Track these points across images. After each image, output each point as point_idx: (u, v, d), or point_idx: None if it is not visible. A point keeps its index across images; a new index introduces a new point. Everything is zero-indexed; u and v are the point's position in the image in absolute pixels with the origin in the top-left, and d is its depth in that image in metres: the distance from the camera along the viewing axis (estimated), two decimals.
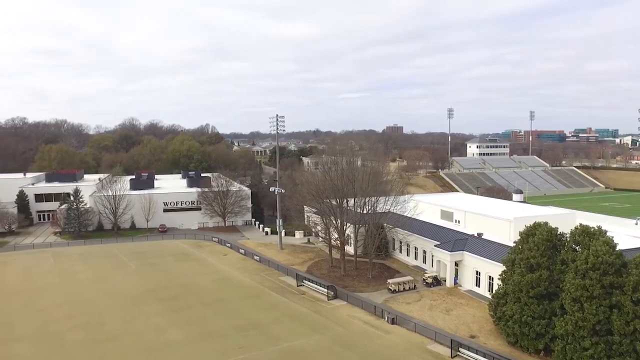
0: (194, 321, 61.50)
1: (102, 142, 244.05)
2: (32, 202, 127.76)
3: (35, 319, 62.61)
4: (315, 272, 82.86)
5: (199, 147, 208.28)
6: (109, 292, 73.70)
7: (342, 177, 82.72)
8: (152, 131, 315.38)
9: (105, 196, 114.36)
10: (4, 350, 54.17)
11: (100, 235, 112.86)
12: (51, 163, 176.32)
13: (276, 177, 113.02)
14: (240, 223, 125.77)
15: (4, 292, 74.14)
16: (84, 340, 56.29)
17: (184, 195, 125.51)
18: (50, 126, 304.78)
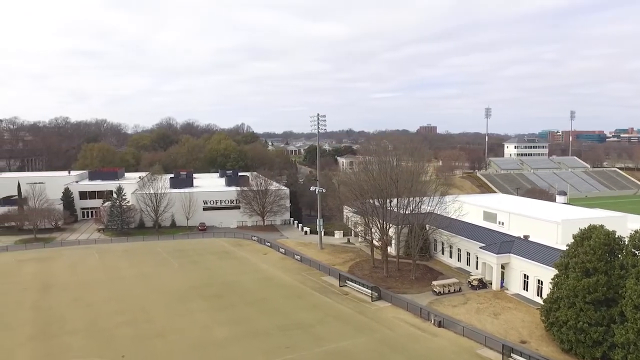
0: (238, 320, 61.74)
1: (141, 141, 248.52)
2: (76, 200, 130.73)
3: (86, 314, 63.82)
4: (357, 273, 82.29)
5: (235, 147, 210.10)
6: (153, 289, 74.69)
7: (385, 177, 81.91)
8: (189, 130, 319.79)
9: (147, 194, 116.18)
10: (59, 342, 55.52)
11: (142, 233, 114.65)
12: (93, 161, 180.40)
13: (316, 177, 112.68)
14: (279, 222, 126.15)
15: (55, 286, 76.00)
16: (132, 336, 57.09)
17: (224, 194, 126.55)
18: (91, 125, 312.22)
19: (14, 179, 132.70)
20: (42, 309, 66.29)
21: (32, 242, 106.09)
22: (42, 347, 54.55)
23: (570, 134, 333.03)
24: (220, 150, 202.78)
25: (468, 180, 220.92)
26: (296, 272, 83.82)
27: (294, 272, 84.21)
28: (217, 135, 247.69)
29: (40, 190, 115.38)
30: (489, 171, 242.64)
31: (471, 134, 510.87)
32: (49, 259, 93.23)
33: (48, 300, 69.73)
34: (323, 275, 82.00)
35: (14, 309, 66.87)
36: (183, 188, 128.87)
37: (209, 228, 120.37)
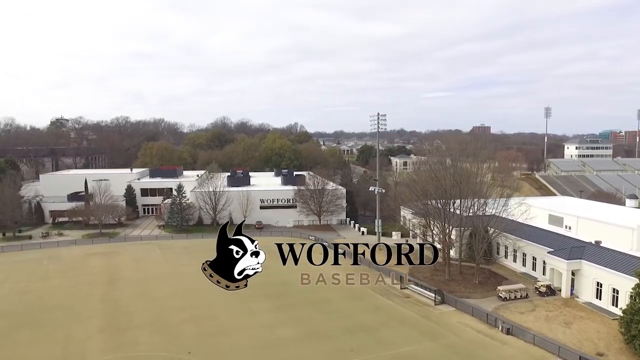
0: (301, 320, 61.52)
1: (197, 139, 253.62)
2: (138, 196, 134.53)
3: (151, 309, 65.18)
4: (417, 275, 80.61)
5: (290, 146, 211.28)
6: (214, 286, 75.19)
7: (449, 178, 79.93)
8: (242, 130, 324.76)
9: (205, 192, 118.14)
10: (128, 336, 56.99)
11: (201, 230, 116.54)
12: (152, 159, 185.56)
13: (373, 177, 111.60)
14: (335, 222, 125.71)
15: (120, 280, 78.22)
16: (197, 332, 57.80)
17: (280, 193, 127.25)
18: (149, 125, 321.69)
19: (81, 175, 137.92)
20: (110, 302, 68.24)
21: (98, 236, 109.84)
22: (111, 340, 56.04)
23: (638, 134, 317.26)
24: (275, 149, 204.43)
25: (526, 182, 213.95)
26: (355, 273, 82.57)
27: (353, 272, 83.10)
28: (272, 134, 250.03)
29: (106, 187, 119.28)
30: (548, 173, 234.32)
31: (527, 134, 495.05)
32: (114, 253, 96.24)
33: (115, 294, 71.76)
34: (383, 277, 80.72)
35: (84, 301, 69.15)
36: (240, 186, 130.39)
37: (265, 226, 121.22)
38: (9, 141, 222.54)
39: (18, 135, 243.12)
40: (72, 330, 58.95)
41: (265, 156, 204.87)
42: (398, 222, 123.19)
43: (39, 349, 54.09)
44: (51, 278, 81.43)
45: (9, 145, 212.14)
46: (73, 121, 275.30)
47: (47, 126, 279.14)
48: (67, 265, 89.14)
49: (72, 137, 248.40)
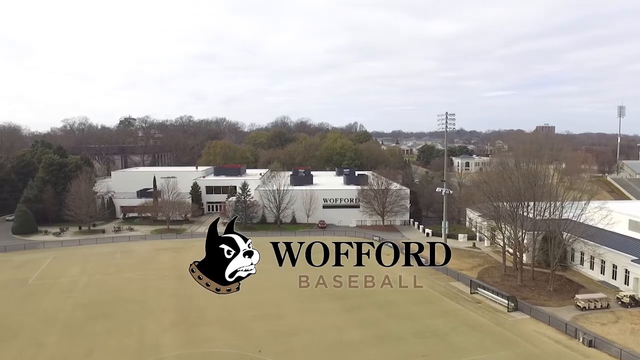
0: (369, 322, 60.56)
1: (258, 138, 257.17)
2: (203, 194, 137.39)
3: (221, 305, 65.76)
4: (486, 280, 78.04)
5: (351, 145, 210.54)
6: (281, 285, 75.63)
7: (521, 179, 76.85)
8: (302, 129, 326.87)
9: (269, 190, 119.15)
10: (199, 331, 57.85)
11: (264, 228, 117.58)
12: (216, 157, 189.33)
13: (434, 177, 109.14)
14: (399, 223, 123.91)
15: (189, 276, 79.40)
16: (266, 330, 57.96)
17: (343, 192, 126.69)
18: (212, 124, 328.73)
19: (150, 173, 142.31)
20: (181, 297, 69.54)
21: (166, 232, 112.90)
22: (184, 335, 57.04)
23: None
24: (337, 148, 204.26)
25: (597, 185, 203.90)
26: (423, 276, 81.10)
27: (420, 275, 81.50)
28: (332, 133, 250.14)
29: (173, 184, 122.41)
30: (621, 175, 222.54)
31: (594, 134, 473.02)
32: (182, 249, 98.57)
33: (185, 289, 72.96)
34: (451, 281, 78.73)
35: (156, 295, 70.95)
36: (303, 185, 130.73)
37: (328, 226, 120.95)
38: (82, 139, 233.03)
39: (91, 133, 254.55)
40: (146, 323, 60.48)
41: (326, 155, 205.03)
42: (463, 224, 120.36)
43: (116, 340, 55.74)
44: (124, 271, 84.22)
45: (83, 143, 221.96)
46: (140, 120, 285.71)
47: (116, 125, 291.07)
48: (139, 259, 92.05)
49: (139, 135, 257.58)
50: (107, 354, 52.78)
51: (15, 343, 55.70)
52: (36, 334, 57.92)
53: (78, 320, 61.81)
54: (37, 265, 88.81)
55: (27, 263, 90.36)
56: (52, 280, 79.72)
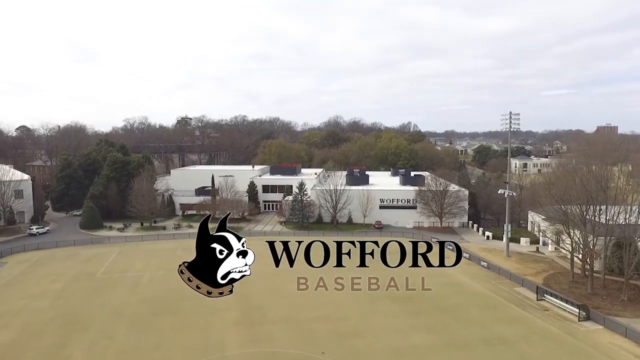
0: (434, 327, 59.17)
1: (312, 138, 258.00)
2: (259, 192, 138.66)
3: (283, 305, 65.97)
4: (553, 287, 74.88)
5: (406, 145, 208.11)
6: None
7: (594, 181, 73.35)
8: (355, 128, 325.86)
9: (326, 190, 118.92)
10: (263, 330, 58.06)
11: (321, 228, 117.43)
12: (271, 157, 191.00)
13: (506, 179, 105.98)
14: (457, 225, 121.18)
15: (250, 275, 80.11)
16: (329, 332, 57.50)
17: (401, 193, 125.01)
18: (265, 123, 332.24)
19: (208, 171, 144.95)
20: (243, 296, 69.37)
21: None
22: (247, 333, 57.33)
23: None
24: (391, 148, 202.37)
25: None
26: (485, 280, 78.93)
27: (482, 279, 79.42)
28: (387, 133, 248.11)
29: (232, 182, 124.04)
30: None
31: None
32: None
33: (246, 288, 72.96)
34: (515, 286, 76.03)
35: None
36: (359, 185, 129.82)
37: (384, 227, 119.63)
38: (142, 138, 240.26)
39: (150, 132, 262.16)
40: (210, 320, 61.13)
41: (380, 155, 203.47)
42: (524, 227, 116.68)
43: (182, 336, 56.61)
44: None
45: (143, 142, 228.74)
46: (196, 119, 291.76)
47: (173, 124, 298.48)
48: None
49: (196, 135, 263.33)
50: (174, 349, 53.66)
51: (88, 335, 57.55)
52: (106, 327, 59.64)
53: (144, 315, 63.28)
54: (104, 259, 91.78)
55: (94, 257, 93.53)
56: (118, 274, 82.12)
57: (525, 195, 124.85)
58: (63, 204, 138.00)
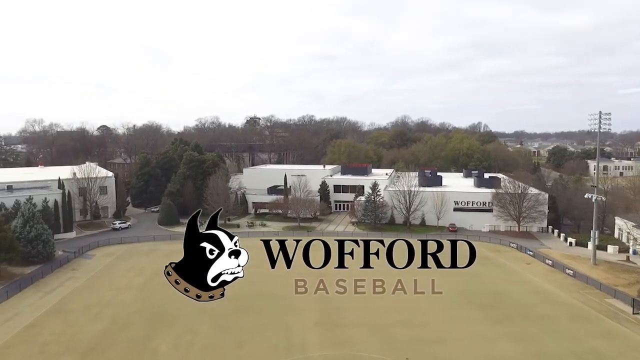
0: (521, 336, 56.59)
1: (380, 138, 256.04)
2: (331, 192, 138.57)
3: (362, 307, 64.97)
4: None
5: (478, 146, 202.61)
6: (422, 288, 73.33)
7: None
8: (423, 129, 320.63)
9: (400, 191, 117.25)
10: (343, 333, 57.68)
11: (393, 229, 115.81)
12: (340, 156, 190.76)
13: (594, 183, 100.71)
14: (535, 229, 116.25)
15: (329, 275, 79.78)
16: (411, 337, 56.28)
17: (476, 195, 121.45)
18: (332, 123, 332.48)
19: (280, 170, 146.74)
20: (322, 296, 68.98)
21: (297, 229, 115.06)
22: (327, 335, 57.12)
23: None
24: (463, 149, 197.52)
25: None
26: (572, 290, 74.96)
27: (568, 288, 75.48)
28: (458, 133, 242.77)
29: (305, 182, 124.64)
30: None
31: None
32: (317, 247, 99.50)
33: (327, 288, 73.00)
34: (606, 297, 71.64)
35: (299, 292, 71.67)
36: (432, 187, 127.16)
37: (458, 230, 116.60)
38: (214, 137, 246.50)
39: (221, 132, 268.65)
40: (290, 320, 61.44)
41: (451, 156, 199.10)
42: (608, 234, 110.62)
43: (263, 335, 57.17)
44: (263, 266, 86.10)
45: (214, 141, 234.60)
46: (265, 119, 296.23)
47: (242, 124, 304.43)
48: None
49: (265, 134, 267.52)
50: (256, 348, 54.22)
51: (172, 329, 59.27)
52: (189, 322, 61.07)
53: (225, 312, 63.75)
54: (182, 255, 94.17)
55: (173, 252, 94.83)
56: None
57: (610, 199, 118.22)
58: (142, 200, 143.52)
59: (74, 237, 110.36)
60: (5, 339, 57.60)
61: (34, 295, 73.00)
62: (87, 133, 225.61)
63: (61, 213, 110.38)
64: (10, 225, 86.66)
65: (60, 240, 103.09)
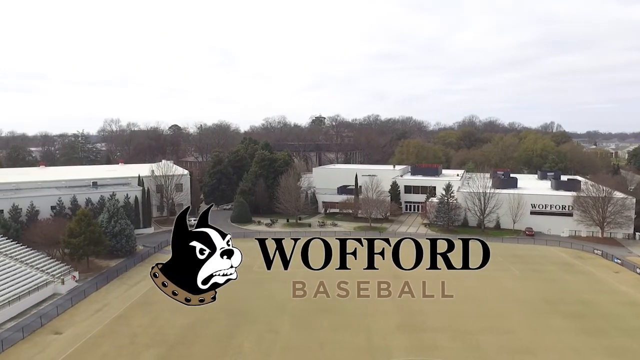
0: (617, 351, 53.35)
1: (447, 138, 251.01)
2: (402, 193, 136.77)
3: (443, 312, 63.56)
4: None
5: (553, 147, 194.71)
6: (501, 295, 71.36)
7: None
8: (491, 128, 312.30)
9: (474, 193, 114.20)
10: (426, 338, 56.71)
11: (466, 231, 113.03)
12: (409, 156, 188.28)
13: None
14: (621, 236, 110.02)
15: (403, 277, 78.79)
16: (497, 346, 54.44)
17: (555, 198, 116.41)
18: (397, 122, 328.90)
19: (350, 170, 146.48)
20: (400, 299, 68.27)
21: (368, 230, 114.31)
22: (411, 339, 56.24)
23: None
24: (537, 150, 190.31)
25: None
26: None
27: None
28: (532, 134, 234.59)
29: (377, 182, 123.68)
30: None
31: None
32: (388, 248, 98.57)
33: (401, 289, 72.04)
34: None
35: (375, 293, 71.10)
36: (508, 189, 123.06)
37: (536, 234, 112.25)
38: (281, 137, 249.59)
39: (287, 131, 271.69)
40: (371, 322, 60.91)
41: (524, 157, 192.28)
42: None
43: (345, 336, 56.99)
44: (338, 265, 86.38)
45: (281, 140, 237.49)
46: (330, 119, 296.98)
47: (308, 123, 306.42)
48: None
49: (331, 133, 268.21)
50: (339, 349, 54.14)
51: (254, 327, 60.16)
52: (270, 321, 61.84)
53: (304, 312, 63.97)
54: (257, 253, 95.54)
55: (249, 250, 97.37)
56: (273, 268, 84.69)
57: None
58: (214, 198, 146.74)
59: (152, 233, 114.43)
60: (98, 328, 60.49)
61: (120, 287, 76.26)
62: (160, 132, 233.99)
63: (141, 209, 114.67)
64: (97, 220, 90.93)
65: (139, 235, 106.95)
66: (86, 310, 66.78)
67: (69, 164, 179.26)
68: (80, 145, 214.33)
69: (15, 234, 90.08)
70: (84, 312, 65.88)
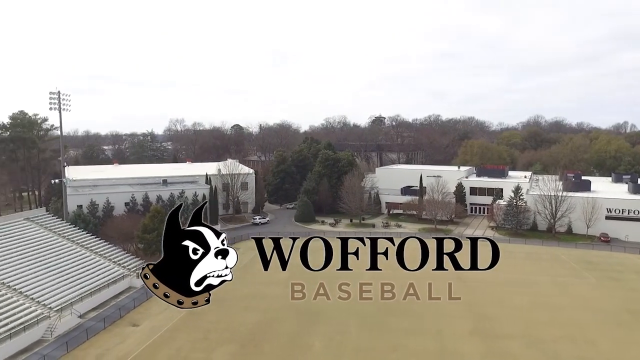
0: None
1: (511, 139, 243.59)
2: (467, 194, 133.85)
3: (516, 318, 62.09)
4: None
5: (629, 148, 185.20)
6: (577, 303, 68.63)
7: None
8: (557, 129, 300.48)
9: (545, 195, 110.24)
10: (500, 344, 55.37)
11: (536, 236, 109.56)
12: (473, 157, 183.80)
13: None
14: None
15: (468, 280, 77.15)
16: (578, 357, 52.45)
17: (633, 203, 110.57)
18: (459, 122, 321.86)
19: (414, 170, 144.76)
20: (468, 304, 66.77)
21: (433, 231, 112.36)
22: (484, 345, 55.10)
23: None
24: (611, 151, 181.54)
25: None
26: None
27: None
28: (601, 134, 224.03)
29: (443, 183, 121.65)
30: None
31: None
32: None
33: (470, 296, 70.37)
34: None
35: (444, 296, 69.83)
36: (581, 192, 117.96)
37: (612, 240, 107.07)
38: (342, 136, 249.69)
39: (348, 131, 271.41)
40: (442, 326, 59.89)
41: (596, 159, 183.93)
42: None
43: (416, 340, 56.38)
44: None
45: (342, 140, 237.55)
46: (390, 119, 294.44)
47: (367, 123, 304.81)
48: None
49: (391, 133, 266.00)
50: (411, 353, 53.65)
51: (323, 327, 60.42)
52: (338, 321, 61.71)
53: (374, 313, 62.96)
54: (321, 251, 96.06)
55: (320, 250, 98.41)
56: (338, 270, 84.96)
57: None
58: (278, 197, 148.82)
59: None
60: (173, 322, 62.57)
61: None
62: (225, 132, 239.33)
63: (208, 207, 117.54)
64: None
65: None
66: (160, 303, 68.87)
67: (139, 162, 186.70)
68: (148, 144, 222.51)
69: (94, 228, 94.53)
70: (158, 306, 68.06)
